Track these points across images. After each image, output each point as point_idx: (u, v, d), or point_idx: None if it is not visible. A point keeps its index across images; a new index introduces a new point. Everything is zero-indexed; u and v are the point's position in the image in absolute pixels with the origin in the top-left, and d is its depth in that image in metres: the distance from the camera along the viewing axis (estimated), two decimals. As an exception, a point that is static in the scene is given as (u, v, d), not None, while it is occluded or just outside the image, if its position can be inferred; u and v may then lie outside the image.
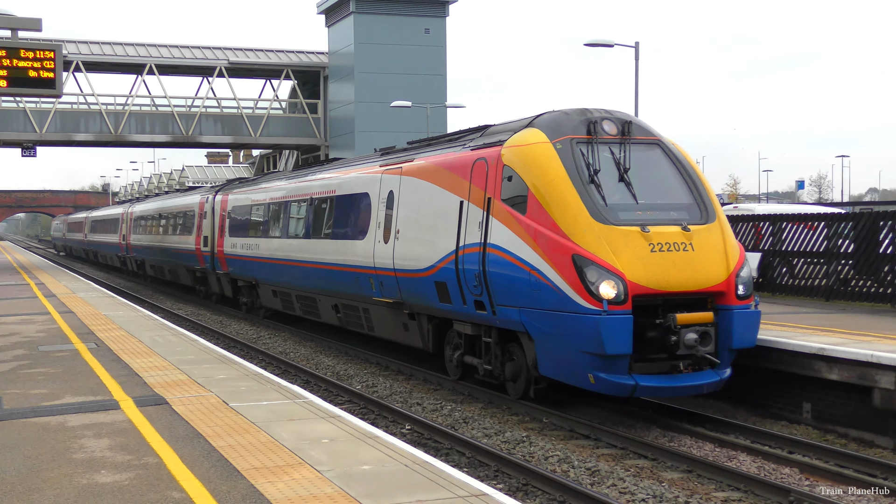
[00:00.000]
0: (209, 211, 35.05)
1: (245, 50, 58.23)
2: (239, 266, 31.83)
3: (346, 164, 25.21)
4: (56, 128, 52.39)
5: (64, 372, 15.41)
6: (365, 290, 20.89)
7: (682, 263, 14.06)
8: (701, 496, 11.43)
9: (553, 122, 15.49)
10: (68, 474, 9.34)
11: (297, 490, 8.71)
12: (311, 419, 11.90)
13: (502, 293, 15.19)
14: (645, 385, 13.74)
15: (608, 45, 35.63)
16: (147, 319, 24.14)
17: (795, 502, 10.97)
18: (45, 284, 37.54)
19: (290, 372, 20.69)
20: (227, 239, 32.66)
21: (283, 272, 27.21)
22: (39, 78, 16.44)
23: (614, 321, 13.32)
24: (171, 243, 41.43)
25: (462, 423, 15.51)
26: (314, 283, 24.63)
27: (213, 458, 9.88)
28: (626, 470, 12.64)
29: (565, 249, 13.80)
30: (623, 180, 14.84)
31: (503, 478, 12.32)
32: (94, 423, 11.63)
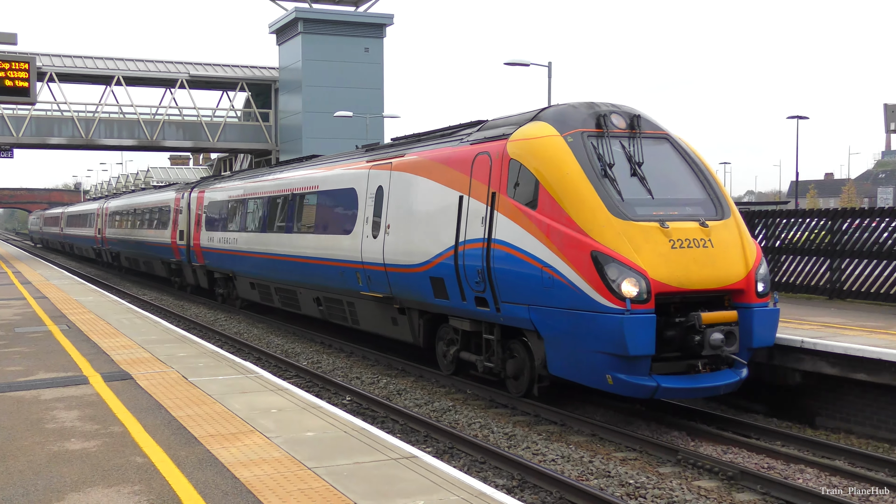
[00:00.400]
0: (185, 206, 32.51)
1: (204, 64, 58.07)
2: (215, 259, 29.04)
3: (327, 160, 22.62)
4: (31, 132, 52.03)
5: (38, 351, 14.99)
6: (351, 284, 18.39)
7: (703, 260, 12.07)
8: (602, 456, 11.41)
9: (561, 115, 13.32)
10: (41, 442, 9.06)
11: (248, 454, 8.53)
12: (261, 392, 11.68)
13: (508, 290, 13.07)
14: (667, 386, 11.70)
15: (525, 64, 35.85)
16: (115, 304, 23.61)
17: (682, 460, 10.92)
18: (21, 273, 36.74)
19: (244, 350, 20.34)
20: (204, 233, 29.87)
21: (261, 265, 24.49)
22: (15, 87, 16.27)
23: (638, 321, 11.28)
24: (147, 237, 38.84)
25: (396, 395, 15.36)
26: (295, 277, 22.00)
27: (173, 427, 9.64)
28: (539, 434, 12.60)
29: (583, 246, 11.71)
30: (636, 175, 12.74)
31: (432, 442, 12.22)
32: (65, 397, 11.29)
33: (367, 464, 8.22)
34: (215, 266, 29.32)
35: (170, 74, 55.67)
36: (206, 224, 29.56)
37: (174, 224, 33.50)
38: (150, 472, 7.94)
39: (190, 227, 31.51)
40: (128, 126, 54.44)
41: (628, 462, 11.16)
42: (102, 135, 53.73)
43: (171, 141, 56.42)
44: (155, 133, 54.70)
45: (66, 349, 15.18)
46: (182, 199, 32.88)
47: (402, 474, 7.90)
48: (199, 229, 30.21)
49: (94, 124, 53.17)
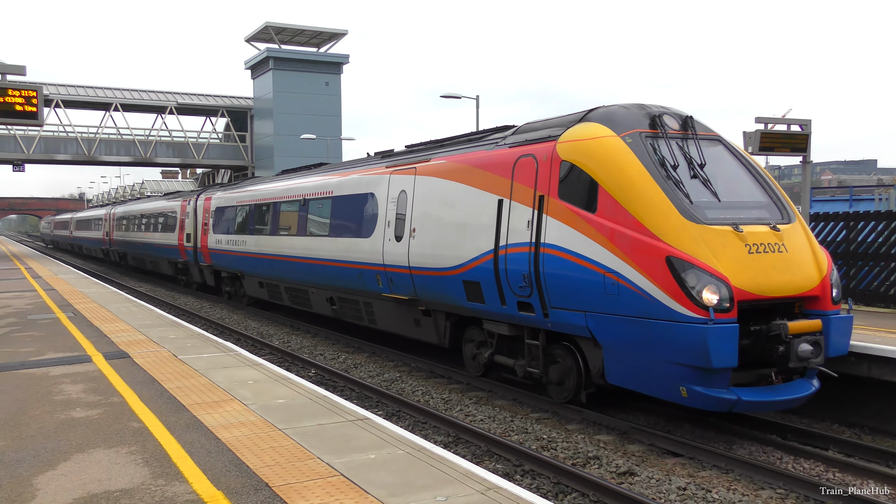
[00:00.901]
0: (191, 212, 29.77)
1: (190, 94, 57.51)
2: (223, 259, 26.01)
3: (338, 167, 19.59)
4: (41, 150, 51.04)
5: (47, 335, 14.59)
6: (370, 285, 15.73)
7: (780, 265, 9.72)
8: (521, 416, 11.45)
9: (613, 116, 10.79)
10: (49, 411, 8.84)
11: (228, 419, 8.41)
12: (239, 366, 11.51)
13: (561, 295, 10.58)
14: (747, 400, 9.22)
15: (457, 96, 35.88)
16: (115, 295, 23.08)
17: (585, 419, 10.94)
18: (32, 269, 35.76)
19: (225, 332, 20.03)
20: (211, 235, 26.84)
21: (271, 266, 21.48)
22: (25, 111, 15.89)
23: (722, 331, 8.91)
24: (154, 239, 35.92)
25: (353, 368, 15.26)
26: (307, 278, 19.10)
27: (164, 397, 9.44)
28: (470, 399, 12.60)
29: (656, 251, 9.30)
30: (697, 177, 10.29)
31: (382, 406, 12.17)
32: (71, 373, 11.00)
33: (328, 425, 8.15)
34: (223, 266, 26.53)
35: (161, 102, 54.98)
36: (214, 228, 26.82)
37: (181, 228, 31.03)
38: (144, 436, 7.79)
39: (197, 230, 29.01)
40: (125, 145, 53.62)
41: (542, 421, 11.21)
42: (103, 152, 52.96)
43: (162, 158, 55.68)
44: (148, 151, 53.98)
45: (71, 333, 14.82)
46: (188, 205, 30.52)
47: (357, 433, 7.84)
48: (207, 232, 27.54)
49: (95, 143, 52.36)
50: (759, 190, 10.77)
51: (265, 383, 10.30)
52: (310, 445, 7.38)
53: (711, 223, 9.60)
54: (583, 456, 9.45)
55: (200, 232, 28.34)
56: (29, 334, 14.70)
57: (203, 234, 27.92)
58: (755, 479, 8.57)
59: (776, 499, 8.02)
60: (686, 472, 8.90)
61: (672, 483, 8.44)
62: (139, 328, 15.50)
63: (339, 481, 6.39)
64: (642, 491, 8.25)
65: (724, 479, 8.60)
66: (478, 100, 35.92)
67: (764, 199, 10.62)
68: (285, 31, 54.45)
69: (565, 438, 10.18)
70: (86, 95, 53.21)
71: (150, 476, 6.57)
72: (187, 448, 7.32)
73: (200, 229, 28.39)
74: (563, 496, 8.22)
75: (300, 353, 16.70)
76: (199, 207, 29.08)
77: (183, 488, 6.26)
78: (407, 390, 13.27)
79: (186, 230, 29.96)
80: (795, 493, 8.12)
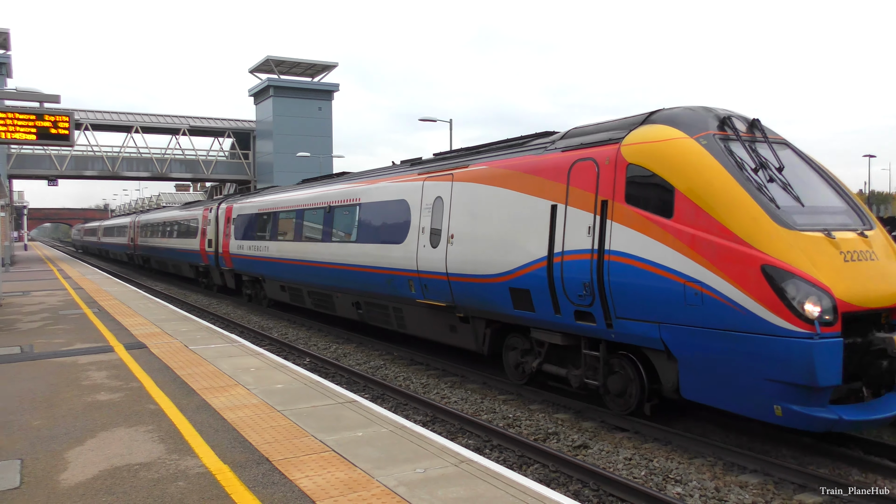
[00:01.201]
0: (213, 219, 28.06)
1: (200, 118, 57.65)
2: (244, 264, 24.02)
3: (361, 176, 17.49)
4: (71, 167, 51.35)
5: (76, 328, 14.58)
6: (402, 291, 13.92)
7: (875, 274, 8.17)
8: (490, 398, 11.52)
9: (681, 117, 9.19)
10: (78, 394, 8.90)
11: (233, 401, 8.47)
12: (243, 356, 11.57)
13: (629, 305, 8.92)
14: (849, 419, 7.53)
15: (433, 119, 36.16)
16: (134, 293, 23.02)
17: (546, 400, 11.06)
18: (63, 270, 35.54)
19: (230, 326, 20.01)
20: (233, 241, 24.93)
21: (294, 271, 19.55)
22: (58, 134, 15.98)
23: (829, 346, 7.36)
24: (177, 244, 33.96)
25: (343, 357, 15.31)
26: (332, 282, 17.24)
27: (177, 383, 9.50)
28: (446, 384, 12.68)
29: (749, 259, 7.74)
30: (775, 180, 8.65)
31: (369, 390, 12.21)
32: (96, 361, 11.03)
33: (320, 407, 8.25)
34: (244, 270, 24.48)
35: (175, 125, 55.18)
36: (235, 233, 24.77)
37: (203, 234, 29.32)
38: (160, 416, 7.86)
39: (218, 236, 27.19)
40: (144, 162, 53.74)
41: (508, 402, 11.31)
42: (125, 169, 53.11)
43: (176, 173, 55.82)
44: (164, 168, 54.13)
45: (97, 326, 14.80)
46: (210, 214, 28.72)
47: (347, 414, 7.95)
48: (228, 238, 25.64)
49: (118, 161, 52.58)
50: (835, 195, 9.14)
51: (265, 370, 10.38)
52: (305, 425, 7.48)
53: (803, 229, 8.04)
54: (543, 432, 9.60)
55: (222, 238, 26.65)
56: (60, 327, 14.69)
57: (224, 240, 26.23)
58: (689, 449, 8.77)
59: (707, 465, 8.23)
60: (632, 444, 9.08)
61: (620, 454, 8.62)
62: (155, 322, 15.50)
63: (331, 456, 6.51)
64: (594, 461, 8.42)
65: (663, 450, 8.79)
66: (451, 123, 36.12)
67: (842, 205, 9.00)
68: (284, 63, 54.77)
69: (528, 417, 10.32)
70: (110, 119, 53.55)
71: (165, 451, 6.66)
72: (197, 427, 7.41)
73: (222, 235, 26.71)
74: (526, 467, 8.36)
75: (296, 344, 16.73)
76: (221, 215, 27.46)
77: (194, 462, 6.37)
78: (390, 376, 13.35)
79: (208, 236, 28.46)
80: (723, 461, 8.33)
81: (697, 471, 8.06)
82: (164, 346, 12.44)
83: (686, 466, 8.19)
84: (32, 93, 17.10)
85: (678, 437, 9.07)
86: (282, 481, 5.86)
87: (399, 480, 5.87)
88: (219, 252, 27.20)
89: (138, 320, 15.81)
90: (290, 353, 15.62)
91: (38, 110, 16.31)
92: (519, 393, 11.66)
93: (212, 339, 13.36)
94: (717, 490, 7.50)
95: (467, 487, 5.74)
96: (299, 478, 5.93)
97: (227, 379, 9.72)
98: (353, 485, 5.77)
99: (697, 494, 7.38)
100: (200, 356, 11.45)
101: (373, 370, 13.88)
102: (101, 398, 8.68)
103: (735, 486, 7.58)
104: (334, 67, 56.41)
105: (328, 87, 56.89)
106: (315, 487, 5.72)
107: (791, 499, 7.31)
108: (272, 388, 9.21)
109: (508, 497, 5.55)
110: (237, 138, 58.53)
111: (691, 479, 7.77)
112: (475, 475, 6.03)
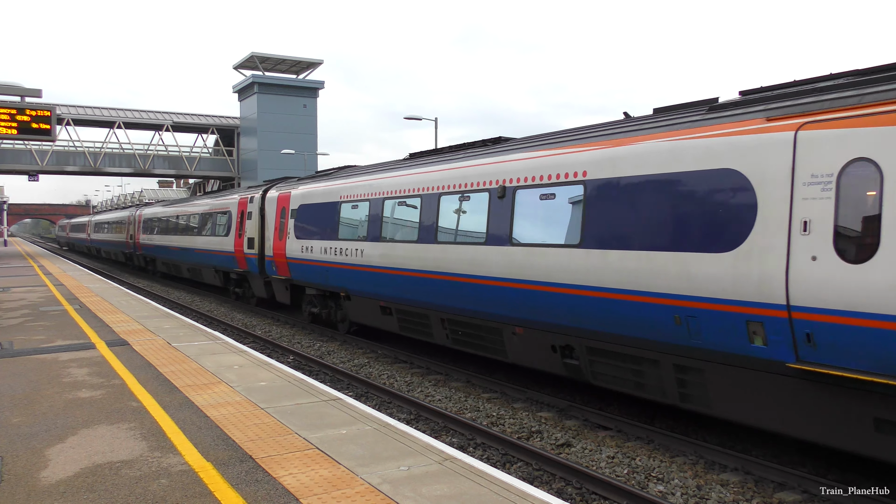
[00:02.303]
0: (255, 211, 21.57)
1: (184, 114, 57.34)
2: (313, 273, 17.39)
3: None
4: (52, 162, 50.83)
5: (57, 324, 14.42)
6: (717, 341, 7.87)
7: None
8: (474, 397, 11.55)
9: None
10: (59, 392, 8.80)
11: (216, 399, 8.42)
12: (226, 353, 11.50)
13: None
14: None
15: (418, 118, 36.07)
16: (115, 289, 22.81)
17: (529, 398, 11.10)
18: (44, 267, 35.18)
19: (213, 323, 19.91)
20: (293, 241, 18.41)
21: (414, 287, 13.12)
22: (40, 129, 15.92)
23: None
24: (197, 244, 27.67)
25: (327, 355, 15.27)
26: (508, 310, 10.89)
27: (159, 380, 9.42)
28: (430, 382, 12.69)
29: None
30: None
31: (353, 388, 12.21)
32: (77, 358, 10.92)
33: (304, 404, 8.22)
34: (310, 281, 17.79)
35: (158, 121, 54.88)
36: (298, 231, 18.31)
37: (239, 230, 22.89)
38: (142, 414, 7.80)
39: (267, 233, 20.41)
40: (126, 158, 53.37)
41: (492, 400, 11.34)
42: (107, 164, 52.67)
43: (159, 170, 55.50)
44: (147, 164, 53.78)
45: (78, 323, 14.66)
46: (251, 204, 22.03)
47: (330, 411, 7.93)
48: (285, 237, 18.95)
49: (100, 157, 52.18)
50: None
51: (249, 368, 10.32)
52: (288, 422, 7.45)
53: None
54: (527, 430, 9.63)
55: (272, 235, 19.94)
56: (41, 324, 14.53)
57: (277, 240, 19.53)
58: (671, 448, 8.82)
59: (688, 464, 8.28)
60: (614, 443, 9.13)
61: (602, 453, 8.66)
62: (137, 319, 15.38)
63: (315, 453, 6.49)
64: (577, 460, 8.45)
65: (646, 449, 8.84)
66: (436, 121, 36.15)
67: None
68: (269, 60, 54.70)
69: (512, 415, 10.35)
70: (93, 115, 53.09)
71: (147, 449, 6.60)
72: (180, 425, 7.35)
73: (272, 232, 20.00)
74: (509, 465, 8.38)
75: (280, 342, 16.67)
76: (270, 206, 20.45)
77: (176, 460, 6.32)
78: (374, 374, 13.33)
79: (248, 234, 21.98)
80: (704, 460, 8.39)
81: (679, 469, 8.11)
82: (146, 343, 12.35)
83: (668, 465, 8.24)
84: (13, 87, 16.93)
85: (660, 435, 9.13)
86: (265, 479, 5.83)
87: (383, 478, 5.85)
88: (265, 254, 20.72)
89: (120, 317, 15.68)
90: (273, 351, 15.56)
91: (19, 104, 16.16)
92: (503, 391, 11.68)
93: (195, 336, 13.27)
94: (699, 488, 7.55)
95: (451, 485, 5.74)
96: (283, 475, 5.90)
97: (211, 376, 9.66)
98: (337, 482, 5.75)
99: (679, 492, 7.43)
100: (183, 353, 11.38)
101: (357, 368, 13.85)
102: (83, 395, 8.60)
103: (716, 485, 7.64)
104: (319, 65, 56.25)
105: (313, 85, 56.80)
106: (299, 485, 5.69)
107: (771, 497, 7.37)
108: (256, 385, 9.17)
109: (492, 495, 5.55)
110: (221, 135, 58.45)
111: (673, 478, 7.83)
112: (459, 473, 6.03)
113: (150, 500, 5.42)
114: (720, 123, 8.14)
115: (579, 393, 11.56)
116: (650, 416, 10.18)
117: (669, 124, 8.84)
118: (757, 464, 8.04)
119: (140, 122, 54.54)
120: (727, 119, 8.09)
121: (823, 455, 8.36)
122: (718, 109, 8.37)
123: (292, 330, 18.91)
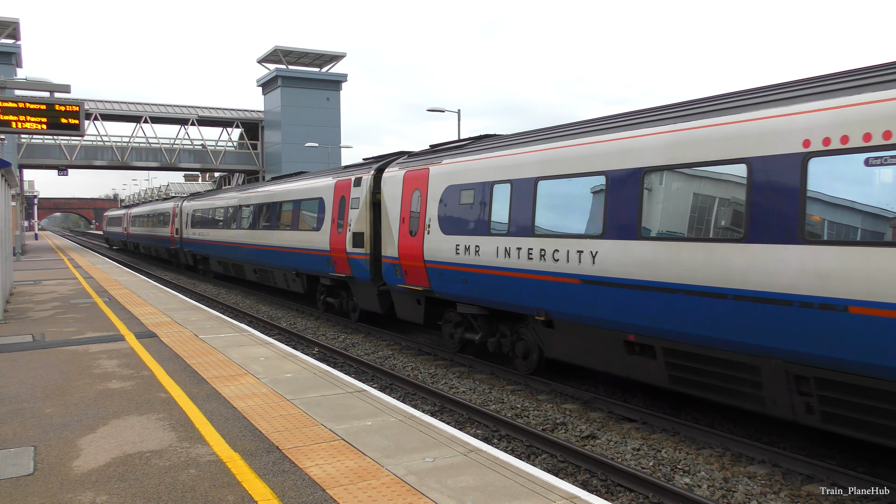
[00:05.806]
0: (362, 196, 16.57)
1: (209, 108, 57.64)
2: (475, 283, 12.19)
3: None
4: (81, 157, 51.36)
5: (87, 316, 14.64)
6: None
7: None
8: (498, 388, 11.52)
9: None
10: (90, 383, 8.93)
11: (242, 390, 8.48)
12: (252, 345, 11.58)
13: None
14: None
15: (441, 110, 36.15)
16: (143, 282, 23.09)
17: (553, 391, 11.05)
18: (74, 260, 35.73)
19: (239, 315, 20.07)
20: (435, 237, 13.27)
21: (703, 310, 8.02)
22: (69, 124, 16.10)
23: None
24: (272, 241, 22.14)
25: (351, 347, 15.32)
26: None
27: (187, 371, 9.51)
28: (454, 374, 12.69)
29: None
30: None
31: (377, 380, 12.23)
32: (107, 350, 11.07)
33: (330, 396, 8.26)
34: (465, 294, 12.53)
35: (184, 115, 55.18)
36: (445, 224, 12.95)
37: (337, 223, 17.62)
38: (171, 404, 7.88)
39: (384, 227, 15.14)
40: (153, 152, 53.83)
41: (516, 392, 11.32)
42: (134, 159, 53.16)
43: (185, 163, 55.85)
44: (173, 157, 54.19)
45: (107, 315, 14.86)
46: (357, 187, 16.81)
47: (356, 403, 7.96)
48: (420, 231, 13.71)
49: (128, 151, 52.62)
50: None
51: (274, 359, 10.40)
52: (314, 413, 7.50)
53: None
54: (551, 422, 9.60)
55: (396, 231, 14.60)
56: (71, 316, 14.75)
57: (406, 236, 14.23)
58: (697, 440, 8.76)
59: (715, 456, 8.22)
60: (640, 435, 9.08)
61: (628, 445, 8.61)
62: (165, 311, 15.55)
63: (341, 444, 6.52)
64: (603, 452, 8.42)
65: (671, 441, 8.79)
66: (459, 113, 36.06)
67: None
68: (292, 53, 54.77)
69: (536, 407, 10.33)
70: (120, 110, 53.64)
71: (176, 439, 6.68)
72: (208, 415, 7.43)
73: (398, 226, 14.59)
74: (534, 457, 8.37)
75: (305, 334, 16.77)
76: (392, 189, 15.03)
77: (205, 450, 6.38)
78: (398, 366, 13.36)
79: (353, 227, 16.72)
80: (731, 452, 8.32)
81: (706, 461, 8.05)
82: (174, 335, 12.48)
83: (694, 457, 8.18)
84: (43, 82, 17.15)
85: (686, 427, 9.06)
86: (292, 469, 5.87)
87: (408, 469, 5.87)
88: (382, 256, 15.37)
89: (148, 309, 15.86)
90: (298, 343, 15.66)
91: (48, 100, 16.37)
92: (527, 384, 11.66)
93: (221, 328, 13.40)
94: (726, 480, 7.49)
95: (476, 476, 5.74)
96: (309, 466, 5.94)
97: (237, 368, 9.75)
98: (362, 473, 5.78)
99: (706, 485, 7.37)
100: (210, 345, 11.49)
101: (381, 360, 13.89)
102: (113, 386, 8.72)
103: (743, 477, 7.57)
104: (342, 58, 56.28)
105: (336, 78, 56.80)
106: (325, 476, 5.73)
107: (799, 490, 7.29)
108: (281, 377, 9.23)
109: (517, 486, 5.55)
110: (245, 128, 58.66)
111: (699, 470, 7.76)
112: (484, 464, 6.03)
113: (180, 489, 5.48)
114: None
115: (602, 384, 11.52)
116: (675, 409, 10.11)
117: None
118: (784, 456, 7.95)
119: (166, 116, 54.90)
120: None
121: (852, 447, 8.25)
122: None
123: (317, 322, 19.01)
